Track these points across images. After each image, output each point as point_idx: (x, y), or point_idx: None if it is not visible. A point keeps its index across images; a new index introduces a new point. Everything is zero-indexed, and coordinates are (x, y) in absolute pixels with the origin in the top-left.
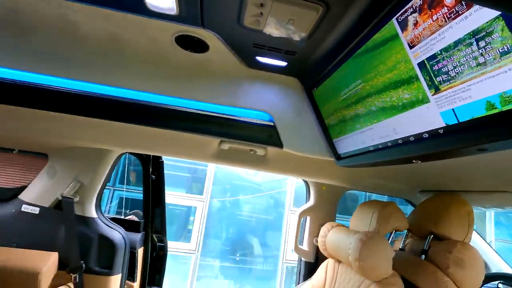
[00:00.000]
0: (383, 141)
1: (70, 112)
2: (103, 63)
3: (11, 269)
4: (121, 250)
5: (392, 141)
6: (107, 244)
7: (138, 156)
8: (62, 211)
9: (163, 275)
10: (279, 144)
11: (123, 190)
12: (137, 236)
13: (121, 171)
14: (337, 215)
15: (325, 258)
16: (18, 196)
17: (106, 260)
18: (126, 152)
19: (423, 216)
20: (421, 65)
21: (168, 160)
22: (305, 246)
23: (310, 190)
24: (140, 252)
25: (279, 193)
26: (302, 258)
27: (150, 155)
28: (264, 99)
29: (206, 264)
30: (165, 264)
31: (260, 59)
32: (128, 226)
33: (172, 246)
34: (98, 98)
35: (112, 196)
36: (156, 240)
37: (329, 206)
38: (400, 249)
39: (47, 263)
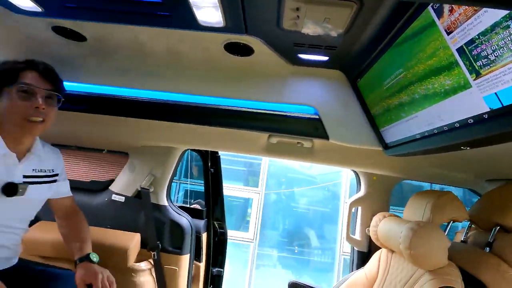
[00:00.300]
0: (429, 128)
1: (145, 117)
2: (166, 74)
3: (108, 245)
4: (188, 234)
5: (438, 128)
6: (177, 228)
7: (198, 152)
8: (141, 199)
9: (225, 258)
10: (325, 136)
11: (187, 183)
12: (201, 223)
13: (185, 167)
14: (395, 207)
15: (378, 248)
16: (109, 188)
17: (177, 241)
18: (188, 149)
19: (489, 207)
20: (460, 50)
21: (226, 156)
22: (357, 236)
23: (361, 180)
24: (204, 236)
25: (335, 185)
26: (355, 248)
27: (208, 151)
28: (308, 94)
29: (264, 253)
30: (225, 248)
31: (302, 56)
32: (193, 213)
33: (232, 234)
34: (165, 104)
35: (179, 189)
36: (217, 226)
37: (381, 196)
38: (462, 241)
39: (132, 242)
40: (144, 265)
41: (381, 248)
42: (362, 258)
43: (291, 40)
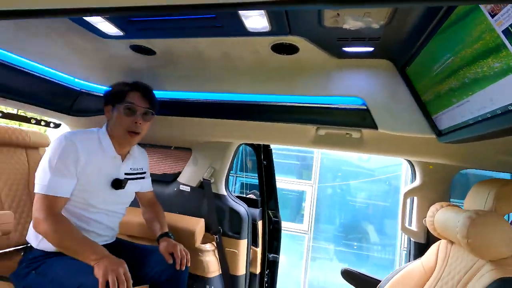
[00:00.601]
0: (482, 112)
1: (205, 116)
2: (222, 77)
3: (179, 228)
4: (245, 221)
5: (491, 112)
6: (235, 215)
7: (252, 146)
8: (203, 189)
9: (279, 245)
10: (374, 126)
11: (243, 177)
12: (256, 211)
13: (241, 162)
14: (462, 200)
15: (437, 239)
16: (177, 179)
17: (236, 227)
18: (243, 143)
19: None
20: (506, 32)
21: (279, 150)
22: (413, 227)
23: (416, 169)
24: (259, 224)
25: (396, 179)
26: (412, 239)
27: (261, 145)
28: (355, 85)
29: (320, 246)
30: (280, 236)
31: (347, 49)
32: (249, 202)
33: (288, 226)
34: (221, 104)
35: (235, 182)
36: (271, 215)
37: (440, 186)
38: None
39: (198, 226)
40: (208, 246)
41: (439, 239)
42: (420, 249)
43: (334, 36)
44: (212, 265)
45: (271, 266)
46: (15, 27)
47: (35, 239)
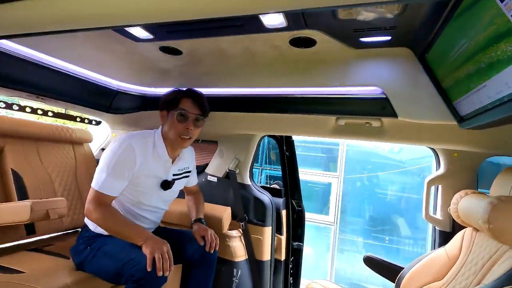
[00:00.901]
0: (498, 96)
1: (229, 111)
2: (244, 72)
3: (207, 215)
4: (269, 209)
5: (507, 95)
6: (260, 204)
7: (274, 137)
8: (229, 179)
9: (303, 233)
10: (393, 114)
11: (267, 169)
12: (280, 201)
13: (265, 155)
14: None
15: (462, 227)
16: (205, 170)
17: (260, 215)
18: (266, 135)
19: None
20: None
21: (305, 143)
22: (438, 215)
23: (439, 157)
24: (283, 213)
25: (430, 170)
26: (436, 227)
27: (283, 136)
28: (374, 74)
29: (348, 239)
30: (303, 224)
31: (364, 39)
32: (273, 192)
33: (314, 217)
34: (244, 98)
35: (261, 174)
36: (295, 205)
37: (465, 174)
38: None
39: (225, 213)
40: (235, 232)
41: (464, 227)
42: (445, 238)
43: (350, 27)
44: (239, 250)
45: (295, 254)
46: (59, 36)
47: (92, 224)
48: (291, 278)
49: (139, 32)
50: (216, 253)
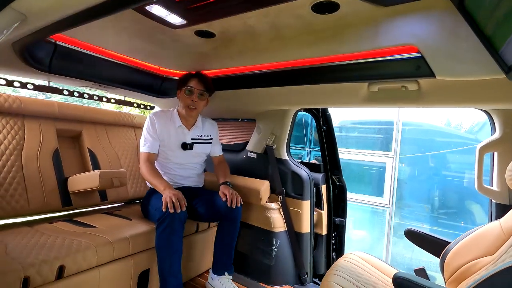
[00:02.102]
0: None
1: (262, 86)
2: (272, 47)
3: (248, 187)
4: (307, 183)
5: None
6: (297, 178)
7: (310, 112)
8: (267, 155)
9: (345, 209)
10: (430, 74)
11: (315, 150)
12: (319, 176)
13: (314, 137)
14: None
15: None
16: (246, 148)
17: (298, 189)
18: (300, 109)
19: None
20: None
21: (360, 124)
22: (494, 186)
23: (494, 120)
24: (323, 188)
25: None
26: (493, 200)
27: (319, 111)
28: (406, 32)
29: (408, 225)
30: (345, 200)
31: None
32: (311, 167)
33: (368, 199)
34: (277, 72)
35: (310, 155)
36: (335, 180)
37: None
38: None
39: (263, 186)
40: (274, 205)
41: None
42: (503, 211)
43: None
44: (277, 222)
45: (338, 229)
46: (113, 30)
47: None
48: (333, 253)
49: (174, 19)
50: (239, 212)
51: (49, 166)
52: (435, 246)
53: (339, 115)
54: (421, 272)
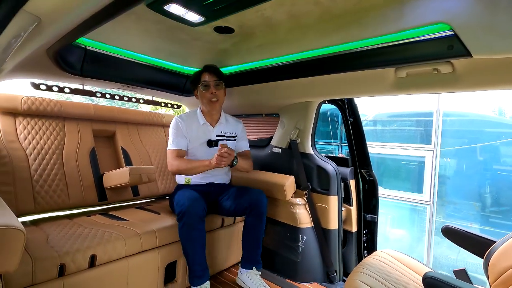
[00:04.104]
0: None
1: (284, 79)
2: (292, 37)
3: (272, 182)
4: (334, 178)
5: None
6: (323, 173)
7: (335, 104)
8: (291, 149)
9: (377, 205)
10: (465, 53)
11: (346, 145)
12: (347, 170)
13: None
14: None
15: None
16: (270, 143)
17: (324, 183)
18: (324, 101)
19: None
20: None
21: (398, 116)
22: None
23: None
24: (352, 183)
25: None
26: None
27: (344, 102)
28: (435, 8)
29: (453, 223)
30: (377, 195)
31: None
32: (338, 162)
33: (407, 196)
34: (298, 63)
35: (341, 150)
36: (365, 174)
37: None
38: None
39: (288, 180)
40: (299, 200)
41: None
42: None
43: None
44: (303, 217)
45: (369, 226)
46: (136, 33)
47: (177, 176)
48: (365, 251)
49: (192, 17)
50: (265, 206)
51: (87, 164)
52: (478, 245)
53: (374, 108)
54: (462, 273)
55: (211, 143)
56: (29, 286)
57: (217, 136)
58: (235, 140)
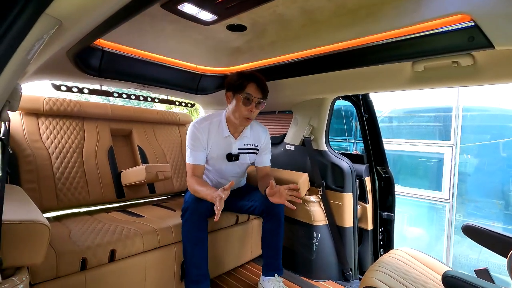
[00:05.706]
0: None
1: (298, 75)
2: (305, 33)
3: (285, 179)
4: (349, 175)
5: None
6: (337, 170)
7: (350, 100)
8: (305, 147)
9: (394, 203)
10: (487, 44)
11: (361, 142)
12: (362, 167)
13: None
14: None
15: None
16: (284, 140)
17: (339, 181)
18: (338, 97)
19: None
20: None
21: (414, 112)
22: None
23: None
24: (367, 180)
25: None
26: None
27: (359, 98)
28: None
29: (476, 223)
30: (393, 193)
31: None
32: (353, 159)
33: (425, 194)
34: (311, 59)
35: (356, 146)
36: (381, 171)
37: None
38: None
39: (301, 178)
40: (313, 198)
41: None
42: None
43: None
44: (318, 215)
45: (385, 224)
46: (151, 33)
47: None
48: (381, 249)
49: (205, 16)
50: (281, 207)
51: (105, 162)
52: (501, 244)
53: (390, 104)
54: (484, 273)
55: (230, 157)
56: (53, 279)
57: (239, 149)
58: (256, 153)
